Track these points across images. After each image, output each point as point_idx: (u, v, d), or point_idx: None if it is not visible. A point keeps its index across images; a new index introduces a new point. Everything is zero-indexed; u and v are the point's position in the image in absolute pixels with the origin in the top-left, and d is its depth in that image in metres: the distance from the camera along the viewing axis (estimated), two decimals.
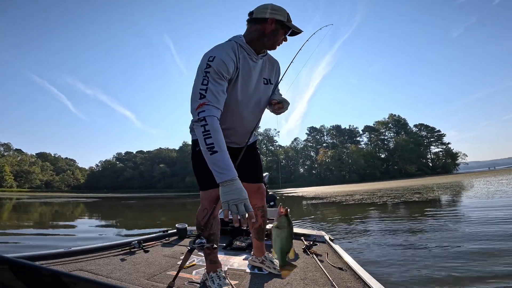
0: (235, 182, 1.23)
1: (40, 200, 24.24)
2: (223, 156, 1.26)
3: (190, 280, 1.71)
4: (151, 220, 9.13)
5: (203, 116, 1.29)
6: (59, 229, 6.91)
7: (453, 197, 9.71)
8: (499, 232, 3.94)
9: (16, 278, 0.52)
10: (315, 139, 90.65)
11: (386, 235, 4.31)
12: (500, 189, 10.89)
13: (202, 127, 1.28)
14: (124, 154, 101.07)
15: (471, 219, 5.13)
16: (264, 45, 1.55)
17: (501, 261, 2.73)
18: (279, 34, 1.52)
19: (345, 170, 76.16)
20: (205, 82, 1.35)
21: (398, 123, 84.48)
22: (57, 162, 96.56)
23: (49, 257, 1.95)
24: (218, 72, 1.37)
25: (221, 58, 1.39)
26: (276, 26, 1.50)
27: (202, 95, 1.33)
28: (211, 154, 1.25)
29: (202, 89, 1.34)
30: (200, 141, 1.30)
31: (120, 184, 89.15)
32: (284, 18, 1.49)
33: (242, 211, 1.19)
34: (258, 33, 1.53)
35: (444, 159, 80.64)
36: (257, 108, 1.66)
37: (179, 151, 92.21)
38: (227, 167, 1.25)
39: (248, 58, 1.54)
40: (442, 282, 2.31)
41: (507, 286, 2.17)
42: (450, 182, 21.77)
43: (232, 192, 1.21)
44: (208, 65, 1.37)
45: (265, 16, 1.49)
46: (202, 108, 1.31)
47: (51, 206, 16.47)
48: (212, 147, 1.26)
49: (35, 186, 78.78)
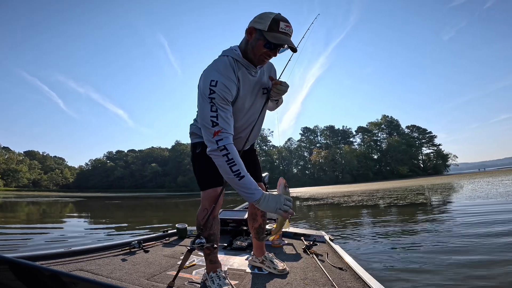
0: (265, 196, 1.33)
1: (24, 199, 23.30)
2: (249, 179, 1.33)
3: (190, 280, 1.70)
4: (136, 221, 8.56)
5: (223, 145, 1.32)
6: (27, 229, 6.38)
7: (463, 199, 9.06)
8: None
9: (16, 278, 0.53)
10: (309, 139, 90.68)
11: (388, 236, 4.22)
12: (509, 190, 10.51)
13: (225, 156, 1.31)
14: (115, 153, 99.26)
15: (484, 222, 4.82)
16: (250, 58, 1.46)
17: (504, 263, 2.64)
18: (258, 46, 1.40)
19: (338, 171, 76.35)
20: (214, 109, 1.34)
21: (390, 124, 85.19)
22: (46, 161, 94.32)
23: (49, 257, 1.94)
24: (223, 98, 1.36)
25: (224, 83, 1.37)
26: (255, 35, 1.40)
27: (215, 123, 1.33)
28: (239, 180, 1.32)
29: (213, 116, 1.34)
30: (224, 169, 1.33)
31: (111, 183, 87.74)
32: (264, 27, 1.35)
33: (287, 208, 1.33)
34: (245, 44, 1.46)
35: (435, 160, 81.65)
36: (260, 116, 1.65)
37: (172, 150, 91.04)
38: (255, 187, 1.34)
39: (247, 73, 1.50)
40: (443, 282, 2.27)
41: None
42: (446, 182, 21.54)
43: (270, 203, 1.32)
44: (212, 90, 1.35)
45: (249, 25, 1.42)
46: (219, 136, 1.32)
47: (34, 205, 15.76)
48: (239, 173, 1.31)
49: (22, 185, 77.06)
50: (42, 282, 0.53)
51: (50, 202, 19.53)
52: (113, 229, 6.49)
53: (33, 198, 26.24)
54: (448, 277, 2.38)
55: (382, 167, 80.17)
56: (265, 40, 1.37)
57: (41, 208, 13.36)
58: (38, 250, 2.00)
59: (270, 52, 1.42)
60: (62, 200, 21.98)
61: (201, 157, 1.58)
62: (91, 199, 24.94)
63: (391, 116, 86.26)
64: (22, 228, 6.47)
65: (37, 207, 14.13)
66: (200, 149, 1.62)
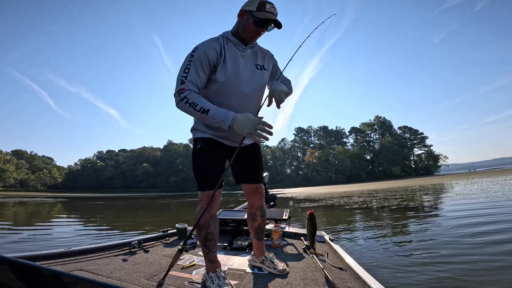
0: (237, 118, 1.47)
1: (9, 199, 22.28)
2: (216, 110, 1.47)
3: (190, 280, 1.70)
4: (123, 225, 8.01)
5: (184, 96, 1.47)
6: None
7: (467, 199, 8.56)
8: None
9: (16, 278, 0.53)
10: (302, 139, 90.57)
11: (389, 237, 4.18)
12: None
13: (186, 103, 1.46)
14: (106, 153, 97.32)
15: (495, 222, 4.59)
16: (241, 37, 1.63)
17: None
18: (248, 24, 1.58)
19: (331, 171, 76.29)
20: (187, 70, 1.50)
21: (383, 125, 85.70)
22: (33, 160, 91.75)
23: (49, 257, 1.94)
24: (200, 61, 1.51)
25: (203, 49, 1.53)
26: (246, 16, 1.58)
27: (182, 81, 1.49)
28: (206, 114, 1.46)
29: (183, 76, 1.50)
30: (191, 112, 1.49)
31: (101, 183, 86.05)
32: (253, 8, 1.55)
33: (262, 129, 1.48)
34: (238, 25, 1.64)
35: (426, 161, 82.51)
36: (255, 92, 1.71)
37: (164, 150, 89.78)
38: (224, 114, 1.48)
39: (234, 47, 1.63)
40: (443, 283, 2.28)
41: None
42: (443, 183, 21.27)
43: (243, 126, 1.47)
44: (191, 55, 1.53)
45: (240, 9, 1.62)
46: (182, 91, 1.47)
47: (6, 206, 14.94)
48: (203, 110, 1.46)
49: (9, 185, 75.22)
50: (42, 282, 0.53)
51: (28, 202, 18.63)
52: (93, 235, 5.96)
53: (12, 198, 25.15)
54: (448, 277, 2.37)
55: (375, 168, 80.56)
56: (254, 17, 1.55)
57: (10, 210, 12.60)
58: (38, 250, 2.00)
59: (259, 28, 1.58)
60: (40, 201, 21.05)
61: (201, 154, 1.66)
62: (75, 200, 24.00)
63: (383, 117, 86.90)
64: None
65: (9, 208, 13.37)
66: (201, 145, 1.66)
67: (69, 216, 9.94)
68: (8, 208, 13.46)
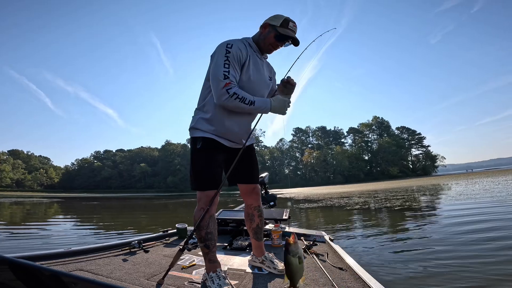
0: (272, 103, 1.66)
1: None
2: (259, 100, 1.61)
3: (190, 280, 1.70)
4: (114, 227, 7.94)
5: (233, 92, 1.53)
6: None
7: (471, 199, 8.53)
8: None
9: (16, 278, 0.53)
10: (301, 140, 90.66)
11: (389, 237, 4.16)
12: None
13: (237, 98, 1.54)
14: (103, 153, 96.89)
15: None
16: (260, 47, 1.75)
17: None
18: (269, 37, 1.70)
19: (329, 171, 76.40)
20: (227, 65, 1.55)
21: (381, 125, 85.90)
22: (30, 160, 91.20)
23: (49, 257, 1.94)
24: (237, 58, 1.59)
25: (238, 46, 1.61)
26: (269, 29, 1.70)
27: (226, 76, 1.53)
28: (253, 106, 1.58)
29: (226, 71, 1.54)
30: (240, 107, 1.57)
31: (98, 183, 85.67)
32: (277, 23, 1.68)
33: (289, 104, 1.73)
34: (259, 35, 1.75)
35: (424, 162, 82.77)
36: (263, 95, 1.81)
37: (161, 150, 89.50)
38: (264, 102, 1.63)
39: (254, 54, 1.73)
40: (443, 283, 2.26)
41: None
42: (443, 183, 21.20)
43: (282, 106, 1.68)
44: (228, 51, 1.57)
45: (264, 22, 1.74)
46: (229, 86, 1.53)
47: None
48: (251, 102, 1.57)
49: (5, 185, 74.90)
50: (42, 282, 0.53)
51: (21, 202, 18.45)
52: (90, 235, 5.87)
53: (8, 199, 24.92)
54: (448, 277, 2.35)
55: (373, 168, 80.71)
56: (277, 32, 1.67)
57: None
58: (38, 250, 1.98)
59: (278, 43, 1.70)
60: (30, 201, 20.84)
61: (201, 154, 1.66)
62: (69, 200, 23.84)
63: (381, 117, 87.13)
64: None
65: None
66: (201, 145, 1.66)
67: (65, 216, 9.85)
68: (5, 209, 13.33)
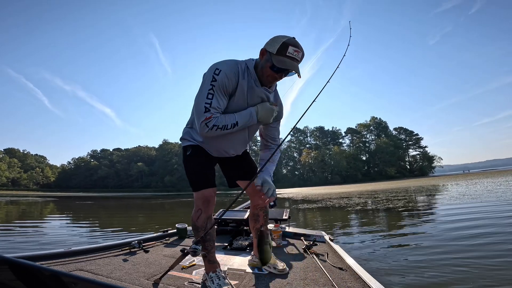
0: (259, 112, 1.55)
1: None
2: (239, 117, 1.51)
3: (190, 280, 1.70)
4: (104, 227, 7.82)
5: (212, 124, 1.44)
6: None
7: (476, 200, 8.34)
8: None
9: (16, 278, 0.53)
10: (299, 140, 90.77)
11: (389, 237, 4.15)
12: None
13: (217, 129, 1.46)
14: (100, 152, 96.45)
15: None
16: (259, 76, 1.53)
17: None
18: (266, 68, 1.46)
19: (327, 172, 76.52)
20: (210, 96, 1.43)
21: (379, 126, 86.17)
22: (26, 159, 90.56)
23: (49, 257, 1.93)
24: (222, 87, 1.45)
25: (226, 74, 1.44)
26: (266, 57, 1.46)
27: (207, 109, 1.43)
28: (238, 126, 1.51)
29: (207, 103, 1.43)
30: (225, 133, 1.50)
31: (94, 183, 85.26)
32: (273, 50, 1.42)
33: (272, 109, 1.60)
34: (259, 63, 1.52)
35: (421, 162, 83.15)
36: (251, 129, 1.69)
37: (159, 149, 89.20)
38: (248, 114, 1.53)
39: (251, 80, 1.53)
40: (443, 283, 2.26)
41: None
42: (442, 184, 21.13)
43: (268, 113, 1.58)
44: (214, 78, 1.43)
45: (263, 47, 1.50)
46: (209, 120, 1.43)
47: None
48: (233, 124, 1.49)
49: (0, 184, 74.34)
50: (42, 282, 0.52)
51: (15, 201, 18.25)
52: (87, 235, 5.75)
53: (3, 197, 24.67)
54: (448, 277, 2.35)
55: (371, 168, 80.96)
56: (272, 62, 1.43)
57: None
58: (38, 250, 2.00)
59: (275, 74, 1.47)
60: (25, 200, 20.63)
61: (192, 159, 1.66)
62: (63, 199, 23.56)
63: (379, 118, 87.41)
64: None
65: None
66: (190, 152, 1.67)
67: (60, 216, 9.72)
68: (0, 207, 13.17)
